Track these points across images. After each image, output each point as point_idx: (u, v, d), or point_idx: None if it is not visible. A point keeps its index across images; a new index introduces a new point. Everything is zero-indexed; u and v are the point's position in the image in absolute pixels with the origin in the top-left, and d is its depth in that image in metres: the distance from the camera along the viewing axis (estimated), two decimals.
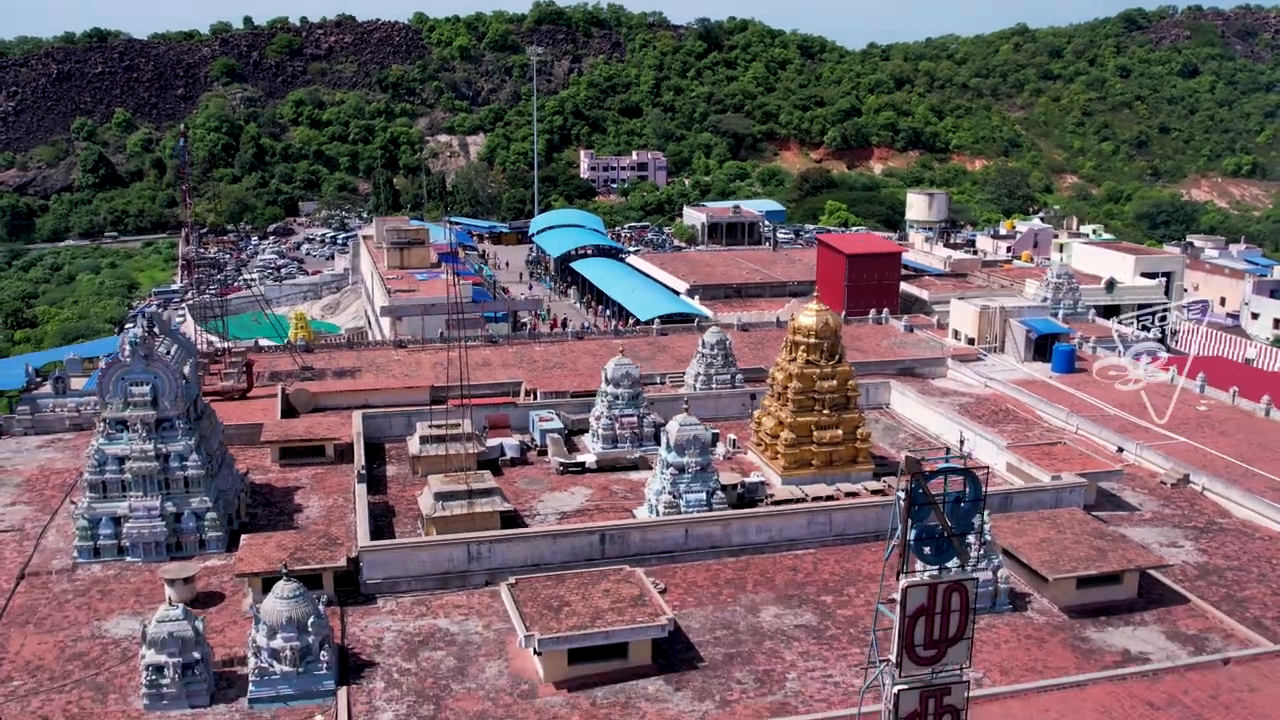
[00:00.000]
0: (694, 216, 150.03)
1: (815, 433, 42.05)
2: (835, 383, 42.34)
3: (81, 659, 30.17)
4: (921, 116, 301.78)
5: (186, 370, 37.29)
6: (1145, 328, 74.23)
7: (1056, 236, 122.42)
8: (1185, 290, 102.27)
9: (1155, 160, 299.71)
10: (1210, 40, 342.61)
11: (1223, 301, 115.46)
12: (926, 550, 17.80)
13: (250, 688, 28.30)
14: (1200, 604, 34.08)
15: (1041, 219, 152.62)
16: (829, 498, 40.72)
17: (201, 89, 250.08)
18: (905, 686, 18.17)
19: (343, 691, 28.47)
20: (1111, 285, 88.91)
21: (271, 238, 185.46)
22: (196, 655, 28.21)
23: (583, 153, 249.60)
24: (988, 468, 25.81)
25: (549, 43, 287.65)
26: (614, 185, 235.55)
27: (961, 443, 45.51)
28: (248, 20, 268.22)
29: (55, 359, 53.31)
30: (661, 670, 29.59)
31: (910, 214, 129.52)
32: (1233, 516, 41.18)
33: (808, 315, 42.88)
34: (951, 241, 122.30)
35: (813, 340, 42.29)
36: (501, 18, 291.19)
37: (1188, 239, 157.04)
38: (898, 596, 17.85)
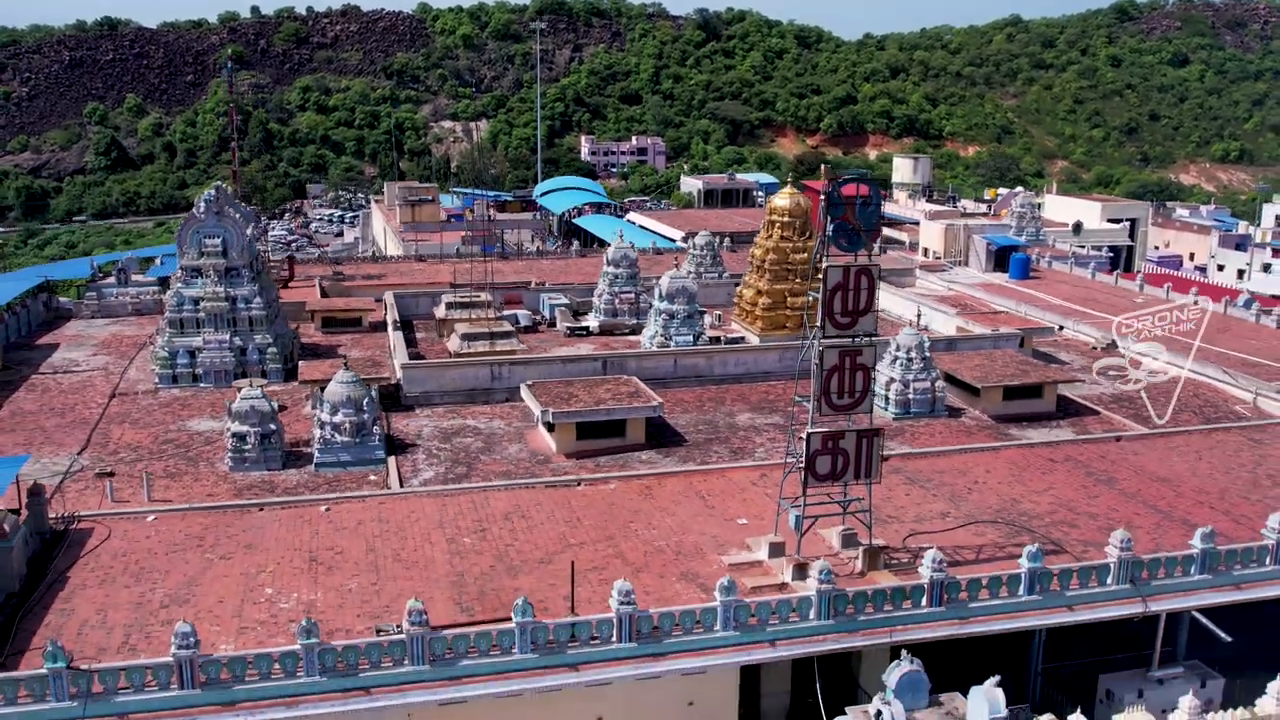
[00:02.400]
0: (691, 184, 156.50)
1: (789, 299, 48.33)
2: (806, 255, 48.61)
3: (173, 443, 36.48)
4: (916, 104, 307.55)
5: (249, 231, 43.59)
6: (1097, 249, 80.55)
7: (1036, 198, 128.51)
8: (1148, 234, 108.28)
9: (1145, 146, 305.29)
10: (1200, 30, 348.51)
11: (1191, 257, 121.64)
12: (842, 241, 24.04)
13: (316, 454, 34.58)
14: (1108, 414, 40.47)
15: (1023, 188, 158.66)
16: None
17: (210, 76, 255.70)
18: (830, 346, 24.50)
19: (391, 460, 34.71)
20: (1078, 227, 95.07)
21: (286, 215, 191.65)
22: (273, 427, 34.53)
23: (583, 138, 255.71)
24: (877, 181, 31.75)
25: (550, 32, 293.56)
26: (614, 169, 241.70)
27: (918, 315, 52.06)
28: (255, 9, 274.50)
29: (116, 259, 59.51)
30: (653, 445, 35.93)
31: (896, 177, 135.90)
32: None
33: (782, 198, 49.22)
34: (934, 199, 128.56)
35: (786, 219, 48.60)
36: (504, 8, 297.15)
37: (1165, 204, 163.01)
38: (821, 278, 24.19)
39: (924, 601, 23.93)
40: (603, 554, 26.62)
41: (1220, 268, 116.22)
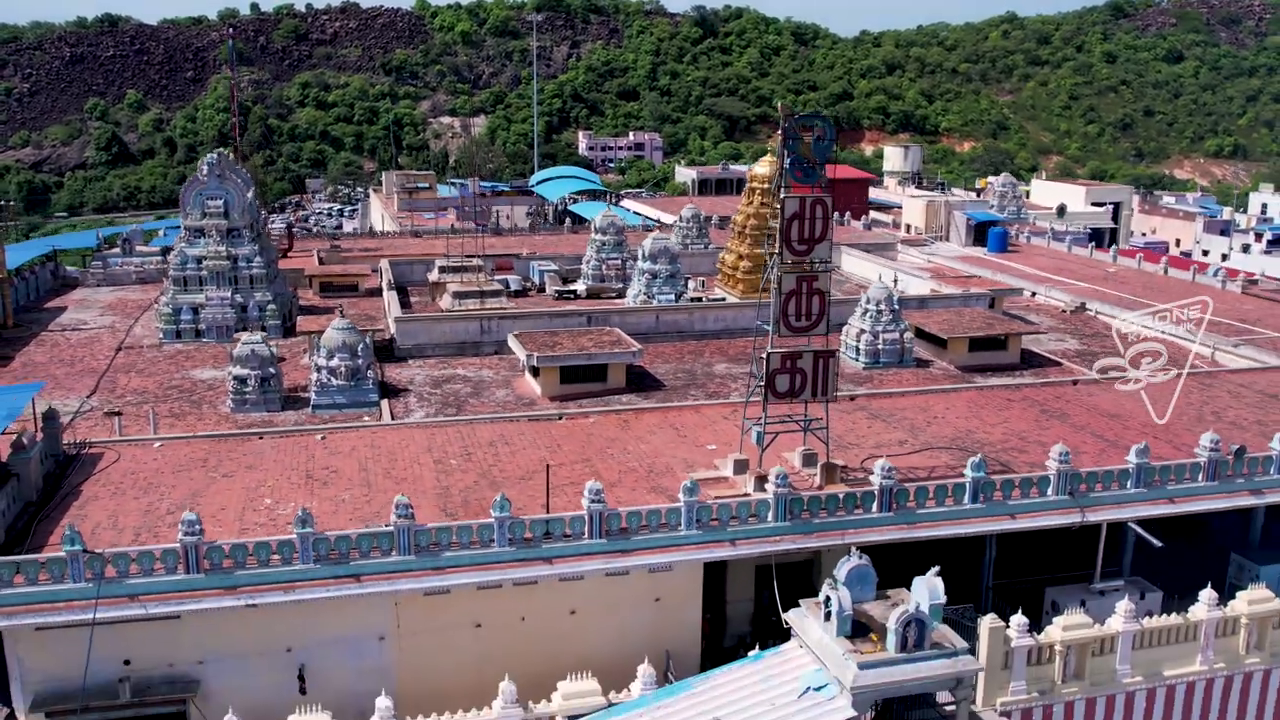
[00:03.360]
0: (685, 174, 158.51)
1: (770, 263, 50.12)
2: None
3: (177, 389, 38.39)
4: (912, 100, 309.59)
5: (250, 195, 45.51)
6: (1081, 229, 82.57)
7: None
8: (1131, 217, 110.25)
9: (1139, 142, 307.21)
10: (1195, 27, 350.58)
11: (1177, 242, 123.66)
12: (798, 174, 25.96)
13: (313, 397, 36.47)
14: (1070, 365, 42.37)
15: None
16: None
17: (210, 72, 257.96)
18: (787, 271, 26.42)
19: (384, 403, 36.60)
20: (1062, 210, 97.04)
21: (286, 210, 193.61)
22: (272, 370, 36.42)
23: (581, 134, 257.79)
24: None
25: (549, 29, 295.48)
26: (611, 164, 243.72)
27: (895, 280, 53.98)
28: (255, 6, 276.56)
29: (121, 231, 61.48)
30: (632, 389, 37.83)
31: (886, 165, 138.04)
32: (1115, 330, 49.30)
33: (762, 165, 51.14)
34: (923, 187, 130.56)
35: (766, 185, 50.43)
36: (502, 4, 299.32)
37: (1152, 191, 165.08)
38: (779, 208, 26.11)
39: (875, 507, 25.84)
40: (579, 473, 28.46)
41: (1205, 253, 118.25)
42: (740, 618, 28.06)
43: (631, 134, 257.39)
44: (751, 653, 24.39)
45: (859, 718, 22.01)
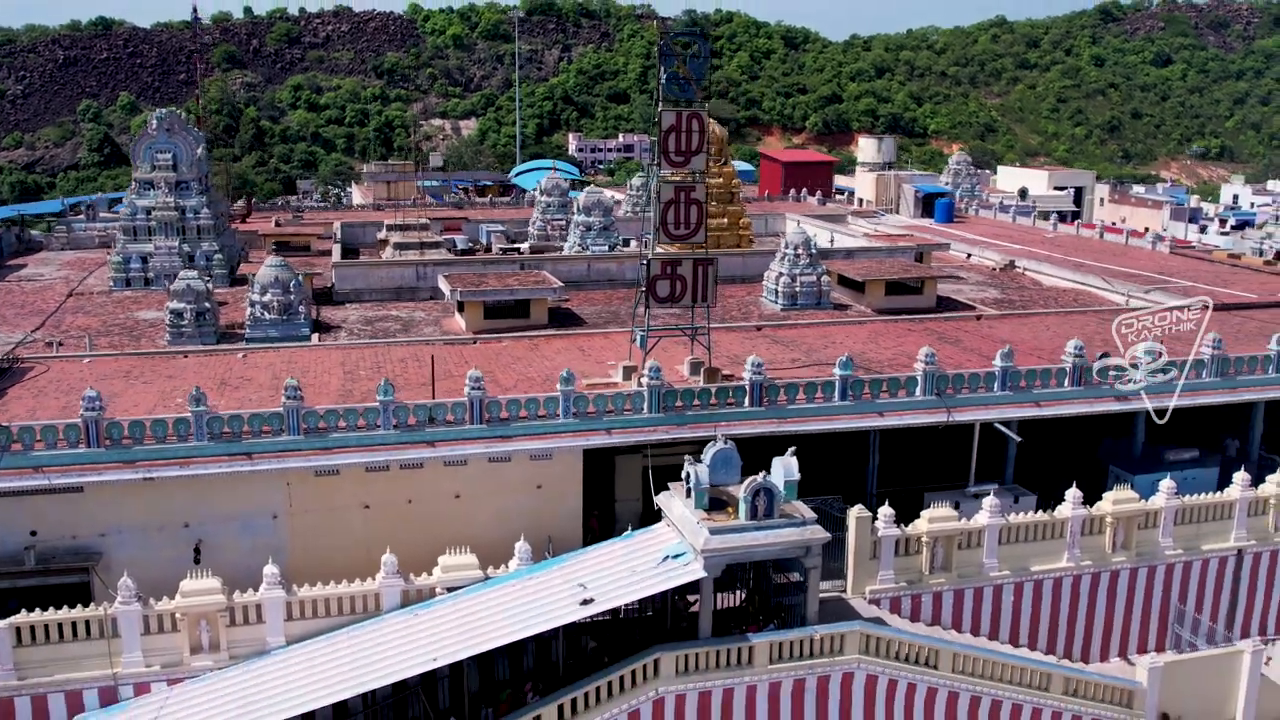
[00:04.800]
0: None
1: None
2: (721, 181, 52.24)
3: (119, 326, 40.04)
4: (901, 103, 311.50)
5: (199, 151, 47.24)
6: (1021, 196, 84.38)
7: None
8: (1094, 202, 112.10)
9: (1127, 144, 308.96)
10: (1183, 31, 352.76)
11: (1145, 230, 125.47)
12: (675, 89, 27.67)
13: (246, 330, 38.14)
14: (984, 310, 43.98)
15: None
16: None
17: (202, 75, 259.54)
18: (666, 181, 28.12)
19: (315, 336, 38.27)
20: (1024, 193, 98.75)
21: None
22: (208, 305, 38.05)
23: (571, 136, 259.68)
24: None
25: (540, 33, 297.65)
26: (601, 165, 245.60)
27: (831, 240, 55.70)
28: (248, 10, 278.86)
29: (87, 200, 63.26)
30: (555, 326, 39.46)
31: (861, 156, 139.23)
32: (1040, 284, 51.05)
33: None
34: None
35: None
36: (494, 8, 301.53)
37: (1122, 182, 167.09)
38: (657, 123, 27.83)
39: (746, 402, 27.49)
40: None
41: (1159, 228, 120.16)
42: (629, 516, 29.64)
43: (621, 136, 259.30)
44: (625, 533, 26.07)
45: (709, 578, 23.66)
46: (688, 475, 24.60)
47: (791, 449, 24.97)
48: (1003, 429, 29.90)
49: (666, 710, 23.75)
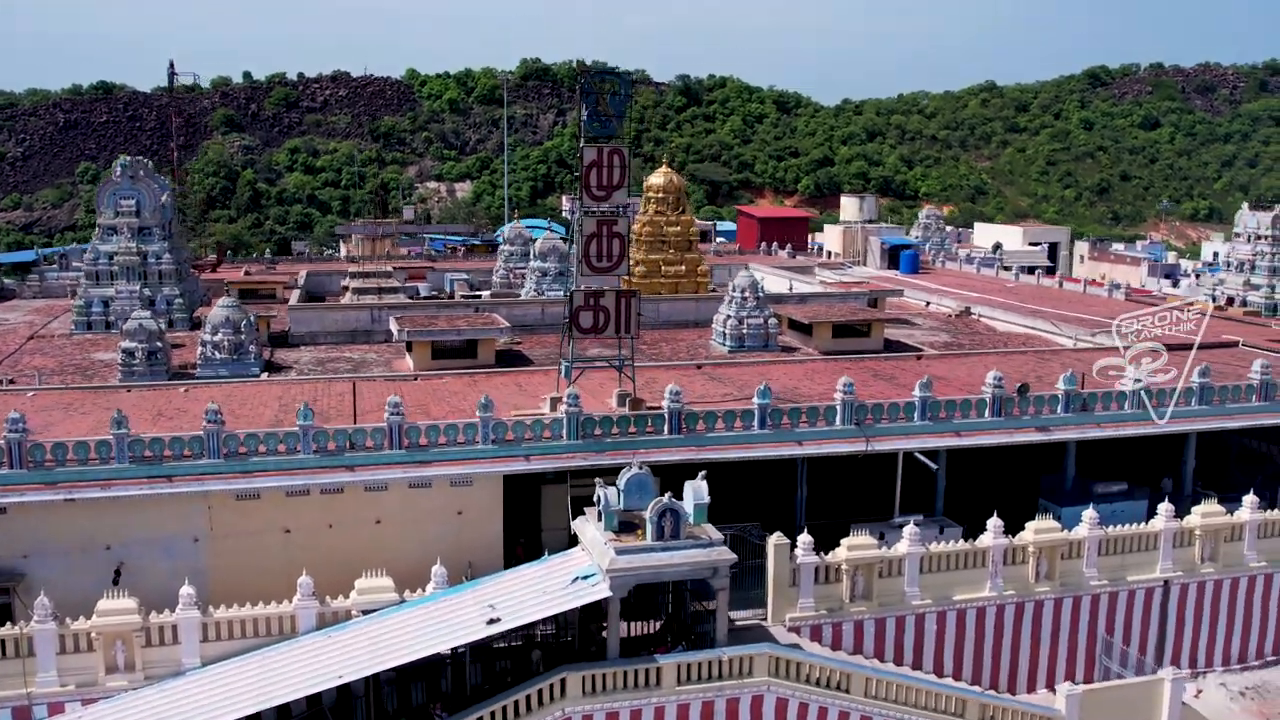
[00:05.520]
0: None
1: (664, 267, 52.84)
2: (679, 229, 53.28)
3: (74, 366, 40.72)
4: (892, 166, 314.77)
5: (164, 198, 48.26)
6: (995, 251, 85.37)
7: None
8: (1070, 256, 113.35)
9: (1116, 205, 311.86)
10: (1171, 95, 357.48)
11: (1103, 278, 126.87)
12: (596, 125, 28.59)
13: (197, 369, 38.80)
14: (930, 351, 44.63)
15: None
16: None
17: (201, 138, 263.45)
18: (588, 215, 28.92)
19: (265, 375, 38.90)
20: (998, 248, 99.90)
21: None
22: (159, 345, 38.75)
23: (564, 198, 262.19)
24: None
25: (534, 97, 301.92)
26: None
27: (790, 287, 56.54)
28: (247, 75, 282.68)
29: (61, 251, 64.30)
30: (502, 366, 40.10)
31: (844, 214, 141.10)
32: (994, 330, 51.78)
33: (657, 176, 54.06)
34: None
35: (660, 195, 53.32)
36: (490, 74, 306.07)
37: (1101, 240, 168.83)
38: (579, 158, 28.70)
39: (665, 429, 28.03)
40: (413, 414, 30.65)
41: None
42: (555, 545, 29.84)
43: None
44: (543, 557, 26.49)
45: (615, 598, 24.02)
46: (599, 498, 25.08)
47: (702, 473, 25.48)
48: (922, 459, 30.40)
49: None
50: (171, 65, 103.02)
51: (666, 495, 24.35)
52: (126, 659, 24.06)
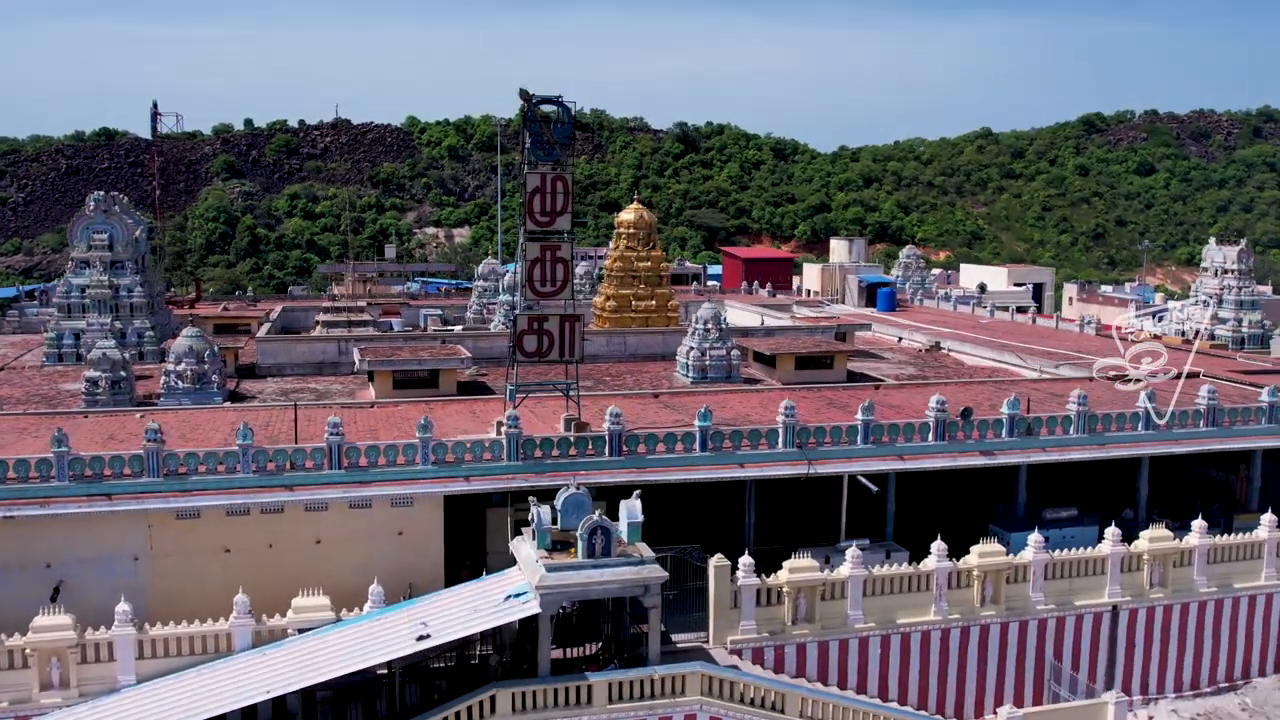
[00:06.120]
0: None
1: (634, 302, 53.30)
2: (650, 264, 53.81)
3: (41, 396, 41.09)
4: (888, 212, 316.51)
5: (138, 233, 48.89)
6: (980, 291, 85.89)
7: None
8: (1054, 297, 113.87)
9: (1111, 251, 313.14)
10: (1165, 141, 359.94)
11: (1081, 317, 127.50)
12: (539, 152, 29.13)
13: (161, 398, 39.15)
14: (892, 384, 44.94)
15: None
16: None
17: (202, 184, 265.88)
18: (532, 239, 29.37)
19: (228, 405, 39.26)
20: (983, 288, 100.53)
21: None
22: (123, 374, 39.14)
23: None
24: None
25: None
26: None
27: (762, 322, 56.96)
28: (248, 122, 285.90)
29: (43, 287, 64.94)
30: (464, 395, 40.43)
31: (833, 258, 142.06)
32: (963, 364, 52.11)
33: (628, 212, 54.71)
34: None
35: (631, 230, 53.92)
36: (489, 121, 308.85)
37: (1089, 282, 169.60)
38: (524, 184, 29.23)
39: (605, 451, 28.29)
40: (362, 439, 30.97)
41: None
42: (501, 568, 29.99)
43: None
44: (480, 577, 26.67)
45: (546, 615, 24.18)
46: (533, 517, 25.32)
47: (637, 492, 25.73)
48: (864, 481, 30.62)
49: None
50: (155, 106, 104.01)
51: (597, 513, 24.58)
52: (62, 676, 24.20)
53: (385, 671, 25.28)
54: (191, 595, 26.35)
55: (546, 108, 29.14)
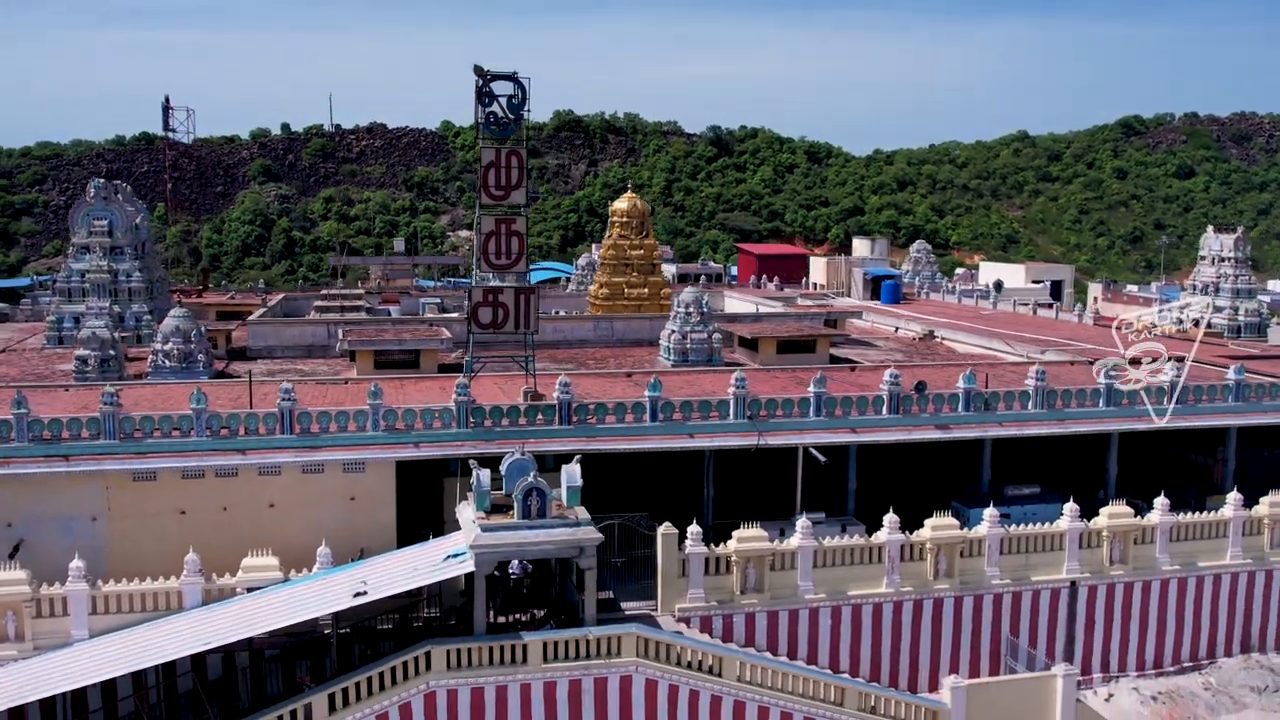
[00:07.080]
0: (668, 270, 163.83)
1: (626, 290, 53.82)
2: (643, 252, 54.32)
3: (35, 375, 42.23)
4: (922, 215, 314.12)
5: (139, 219, 50.06)
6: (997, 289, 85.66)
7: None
8: (1072, 295, 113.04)
9: (1149, 254, 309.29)
10: (1205, 144, 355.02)
11: (1091, 304, 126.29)
12: (494, 128, 29.73)
13: (148, 375, 40.15)
14: (868, 365, 45.08)
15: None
16: None
17: (239, 187, 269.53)
18: (486, 213, 29.96)
19: (215, 380, 40.17)
20: (999, 285, 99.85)
21: None
22: (112, 352, 40.21)
23: (594, 246, 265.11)
24: None
25: (567, 148, 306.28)
26: None
27: (756, 309, 57.24)
28: (285, 126, 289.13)
29: (53, 277, 66.39)
30: (445, 374, 41.08)
31: (856, 255, 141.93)
32: (954, 351, 52.11)
33: (622, 201, 55.26)
34: None
35: (624, 219, 54.46)
36: (523, 125, 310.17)
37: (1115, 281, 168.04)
38: (478, 160, 29.82)
39: (556, 420, 28.79)
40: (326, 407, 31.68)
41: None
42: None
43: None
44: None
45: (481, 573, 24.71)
46: (474, 480, 25.88)
47: (577, 457, 26.21)
48: (814, 453, 30.88)
49: (439, 705, 24.61)
50: (166, 101, 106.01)
51: (531, 475, 25.09)
52: (17, 629, 25.08)
53: (331, 630, 25.93)
54: (148, 555, 27.14)
55: (500, 85, 29.75)
